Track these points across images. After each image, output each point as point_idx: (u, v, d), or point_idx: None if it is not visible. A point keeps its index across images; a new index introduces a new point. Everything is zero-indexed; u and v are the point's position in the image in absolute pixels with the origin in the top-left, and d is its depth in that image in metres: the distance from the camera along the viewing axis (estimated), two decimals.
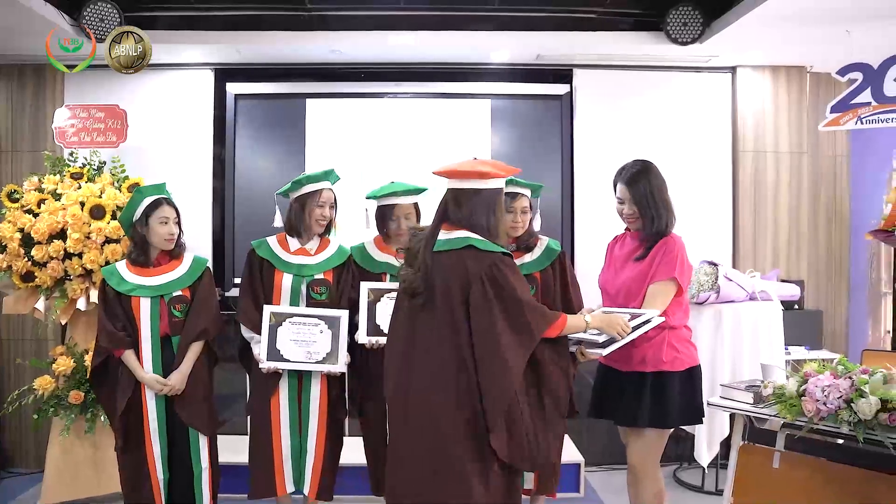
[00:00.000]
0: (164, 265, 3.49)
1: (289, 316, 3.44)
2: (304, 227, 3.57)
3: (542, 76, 5.37)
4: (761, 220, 5.32)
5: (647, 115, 5.29)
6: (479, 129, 5.33)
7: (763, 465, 3.16)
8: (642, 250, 3.13)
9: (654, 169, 3.17)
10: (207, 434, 3.47)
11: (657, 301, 3.03)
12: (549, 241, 3.67)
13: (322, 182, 3.56)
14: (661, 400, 3.06)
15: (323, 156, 5.14)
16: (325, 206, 3.56)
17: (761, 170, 5.32)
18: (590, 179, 5.19)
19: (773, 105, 5.33)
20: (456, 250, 2.60)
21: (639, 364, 3.09)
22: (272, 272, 3.53)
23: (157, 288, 3.43)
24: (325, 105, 5.32)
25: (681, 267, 3.06)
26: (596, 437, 4.93)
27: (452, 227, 2.66)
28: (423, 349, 2.61)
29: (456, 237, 2.62)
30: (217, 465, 3.54)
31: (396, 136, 5.26)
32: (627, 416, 3.15)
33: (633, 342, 2.91)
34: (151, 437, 3.40)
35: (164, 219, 3.43)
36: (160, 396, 3.40)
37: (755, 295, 4.55)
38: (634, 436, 3.17)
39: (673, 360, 3.08)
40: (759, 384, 3.21)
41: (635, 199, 3.12)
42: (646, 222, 3.12)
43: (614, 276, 3.25)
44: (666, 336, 3.08)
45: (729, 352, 4.44)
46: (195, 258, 3.57)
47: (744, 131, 5.31)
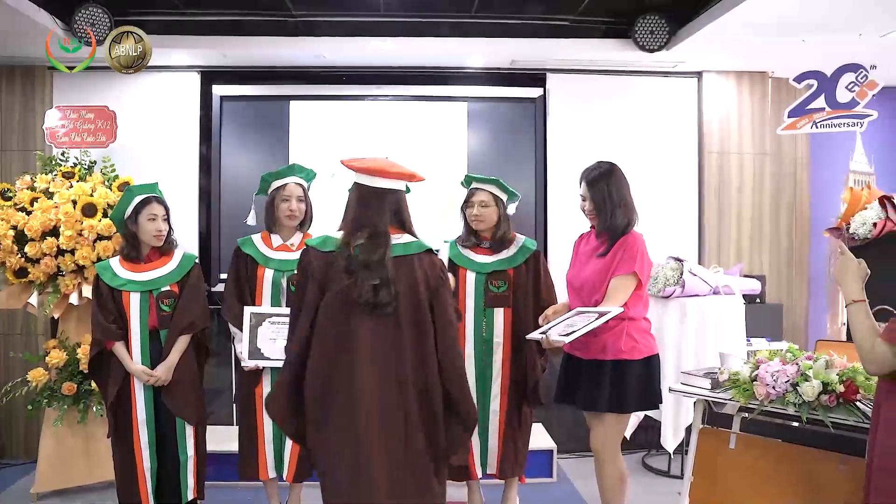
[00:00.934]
0: (155, 261, 3.58)
1: (268, 316, 3.56)
2: (274, 221, 3.70)
3: (516, 80, 5.49)
4: (725, 219, 5.48)
5: (617, 117, 5.42)
6: (455, 131, 5.45)
7: (721, 446, 3.32)
8: (605, 247, 3.29)
9: (616, 171, 3.33)
10: (193, 423, 3.56)
11: (618, 294, 3.20)
12: (525, 240, 3.82)
13: (286, 177, 3.69)
14: (619, 386, 3.22)
15: (306, 156, 5.17)
16: (290, 199, 3.66)
17: (726, 170, 5.48)
18: (562, 179, 5.29)
19: (738, 108, 5.49)
20: (415, 255, 2.60)
21: (599, 352, 3.25)
22: (255, 268, 3.66)
23: (147, 283, 3.52)
24: (308, 107, 5.41)
25: (640, 262, 3.22)
26: (568, 424, 5.03)
27: (397, 230, 2.64)
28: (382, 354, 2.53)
29: (410, 241, 2.62)
30: (204, 453, 3.64)
31: (377, 137, 5.35)
32: (588, 401, 3.31)
33: (594, 331, 3.09)
34: (139, 426, 3.50)
35: (152, 216, 3.52)
36: (148, 387, 3.50)
37: (718, 289, 4.68)
38: (596, 421, 3.35)
39: (632, 349, 3.24)
40: (716, 371, 3.39)
41: (593, 197, 3.30)
42: (602, 219, 3.29)
43: (579, 270, 3.41)
44: (625, 326, 3.23)
45: (693, 343, 4.56)
46: (185, 254, 3.66)
47: (709, 133, 5.47)
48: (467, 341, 3.73)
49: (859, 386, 2.86)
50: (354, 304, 2.51)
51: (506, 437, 3.77)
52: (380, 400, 2.51)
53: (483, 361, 3.75)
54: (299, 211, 3.70)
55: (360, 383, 2.50)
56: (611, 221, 3.28)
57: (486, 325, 3.69)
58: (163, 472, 3.56)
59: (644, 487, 4.59)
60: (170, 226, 3.61)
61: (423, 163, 5.20)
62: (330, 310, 2.54)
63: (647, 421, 4.75)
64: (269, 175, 3.74)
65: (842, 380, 2.89)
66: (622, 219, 3.27)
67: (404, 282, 2.55)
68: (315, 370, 2.54)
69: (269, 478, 3.69)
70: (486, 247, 3.81)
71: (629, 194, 3.34)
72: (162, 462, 3.55)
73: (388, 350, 2.54)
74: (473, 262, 3.79)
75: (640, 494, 4.35)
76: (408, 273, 2.56)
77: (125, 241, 3.60)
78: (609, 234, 3.29)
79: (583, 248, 3.48)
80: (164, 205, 3.59)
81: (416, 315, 2.56)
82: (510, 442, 3.78)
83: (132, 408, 3.50)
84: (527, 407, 3.83)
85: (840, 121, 4.36)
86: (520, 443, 3.83)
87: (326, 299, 2.54)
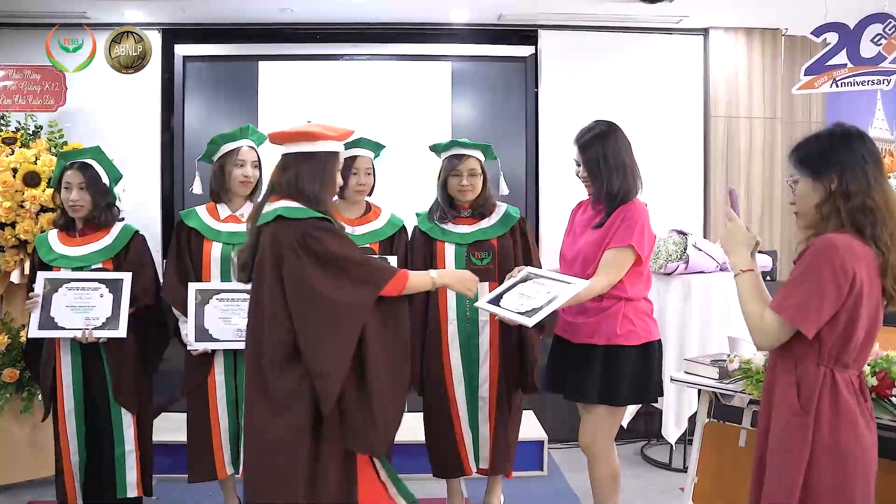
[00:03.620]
0: (90, 235, 3.32)
1: (216, 292, 3.27)
2: (224, 190, 3.39)
3: (505, 37, 5.22)
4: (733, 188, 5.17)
5: (615, 78, 5.16)
6: (439, 93, 5.19)
7: (729, 443, 3.03)
8: (601, 217, 2.99)
9: (613, 132, 3.00)
10: (134, 412, 3.29)
11: (610, 269, 2.89)
12: (507, 208, 3.49)
13: (240, 140, 3.38)
14: (611, 375, 2.94)
15: (277, 120, 4.94)
16: (244, 164, 3.36)
17: (734, 136, 5.23)
18: (555, 145, 5.02)
19: (747, 69, 5.22)
20: (270, 223, 2.48)
21: (589, 336, 2.96)
22: (201, 242, 3.35)
23: (77, 259, 3.28)
24: (278, 67, 5.15)
25: (640, 235, 2.90)
26: (560, 411, 4.69)
27: (277, 197, 2.52)
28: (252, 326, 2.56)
29: (269, 210, 2.50)
30: (149, 446, 3.39)
31: (353, 99, 5.10)
32: (576, 390, 3.03)
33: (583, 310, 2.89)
34: (66, 414, 3.24)
35: (66, 184, 3.25)
36: (77, 373, 3.24)
37: (725, 266, 4.39)
38: (585, 412, 3.06)
39: (627, 333, 2.93)
40: (724, 358, 3.05)
41: (587, 162, 2.99)
42: (597, 186, 2.99)
43: (573, 241, 3.11)
44: (622, 308, 2.93)
45: (697, 325, 4.32)
46: (124, 227, 3.38)
47: (716, 96, 5.21)
48: (450, 321, 3.40)
49: (895, 379, 2.49)
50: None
51: (497, 427, 3.46)
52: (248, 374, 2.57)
53: (468, 343, 3.41)
54: (253, 177, 3.40)
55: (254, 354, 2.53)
56: (607, 188, 2.94)
57: (470, 302, 3.32)
58: (94, 466, 3.29)
59: (643, 481, 4.32)
60: (93, 195, 3.27)
61: (404, 128, 5.01)
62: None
63: (646, 407, 4.47)
64: (219, 137, 3.40)
65: (874, 371, 2.52)
66: (620, 185, 2.94)
67: (262, 252, 2.51)
68: None
69: (227, 474, 3.37)
70: (466, 215, 3.44)
71: (630, 158, 3.00)
72: (93, 455, 3.29)
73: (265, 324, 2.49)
74: (452, 233, 3.43)
75: (638, 489, 4.13)
76: (263, 244, 2.51)
77: (60, 212, 3.37)
78: (606, 202, 2.97)
79: (579, 217, 3.18)
80: (87, 172, 3.26)
81: (267, 287, 2.47)
82: (501, 433, 3.46)
83: (58, 395, 3.25)
84: (518, 393, 3.50)
85: (863, 78, 4.03)
86: (511, 434, 3.51)
87: None
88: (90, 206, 3.27)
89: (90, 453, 3.29)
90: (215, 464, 3.33)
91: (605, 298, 2.91)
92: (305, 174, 2.51)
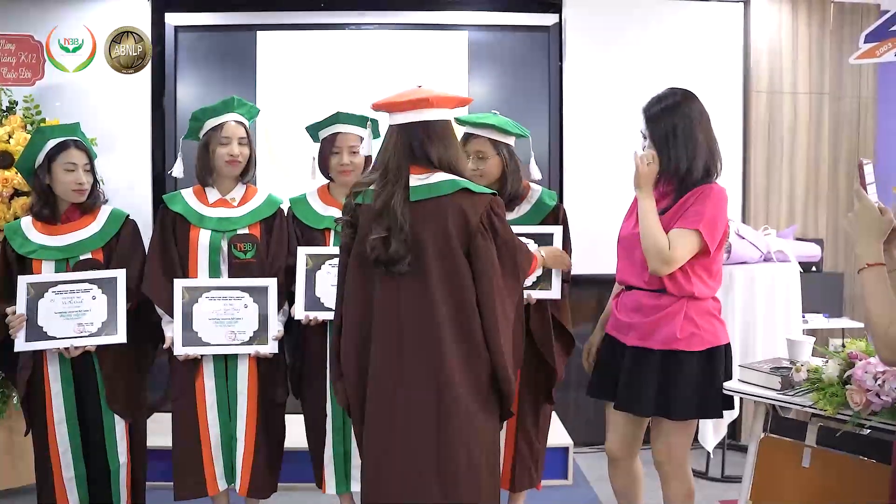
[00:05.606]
0: (75, 221, 3.02)
1: (205, 290, 2.95)
2: (209, 171, 3.06)
3: (526, 5, 4.84)
4: (775, 171, 4.85)
5: (647, 50, 4.76)
6: (454, 66, 4.81)
7: (789, 462, 2.67)
8: (668, 200, 2.69)
9: (689, 102, 2.68)
10: (128, 420, 3.01)
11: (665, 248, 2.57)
12: (542, 192, 3.11)
13: (224, 115, 3.06)
14: (668, 384, 2.63)
15: (276, 96, 4.63)
16: (230, 142, 3.02)
17: (776, 113, 4.83)
18: (581, 123, 4.67)
19: (791, 40, 4.82)
20: (446, 196, 2.21)
21: (643, 338, 2.66)
22: (187, 229, 3.02)
23: (63, 249, 2.98)
24: (278, 38, 4.76)
25: (711, 221, 2.57)
26: (586, 413, 4.50)
27: (424, 169, 2.26)
28: (413, 321, 2.21)
29: (440, 181, 2.24)
30: (143, 453, 3.12)
31: (360, 73, 4.72)
32: (627, 399, 2.72)
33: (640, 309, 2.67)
34: (56, 426, 2.95)
35: (70, 165, 2.95)
36: (67, 378, 2.94)
37: (770, 255, 4.11)
38: (656, 424, 2.76)
39: (689, 337, 2.60)
40: (787, 365, 2.66)
41: (654, 136, 2.67)
42: (663, 164, 2.65)
43: (634, 225, 2.75)
44: (684, 307, 2.62)
45: (739, 320, 4.00)
46: (113, 212, 3.08)
47: (757, 69, 4.81)
48: None
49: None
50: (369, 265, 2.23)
51: (518, 439, 3.11)
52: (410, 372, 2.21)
53: None
54: (242, 156, 3.05)
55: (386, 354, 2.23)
56: (675, 166, 2.64)
57: None
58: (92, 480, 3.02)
59: None
60: (95, 177, 3.03)
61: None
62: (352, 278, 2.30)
63: None
64: (202, 112, 3.08)
65: None
66: (690, 164, 2.63)
67: (429, 229, 2.20)
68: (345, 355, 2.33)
69: (219, 490, 3.03)
70: None
71: (707, 133, 2.68)
72: (90, 469, 3.01)
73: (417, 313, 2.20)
74: None
75: None
76: (434, 218, 2.21)
77: (36, 197, 3.04)
78: (675, 183, 2.67)
79: None
80: (87, 151, 3.01)
81: (449, 272, 2.20)
82: (524, 445, 3.12)
83: (46, 403, 2.94)
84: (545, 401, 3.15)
85: None
86: (538, 446, 3.17)
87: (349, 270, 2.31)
88: (90, 190, 3.02)
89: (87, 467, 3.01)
90: (205, 478, 3.00)
91: (664, 296, 2.63)
92: (450, 144, 2.31)
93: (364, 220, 2.25)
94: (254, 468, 3.00)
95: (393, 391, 2.21)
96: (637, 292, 2.69)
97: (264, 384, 3.01)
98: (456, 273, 2.20)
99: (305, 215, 3.12)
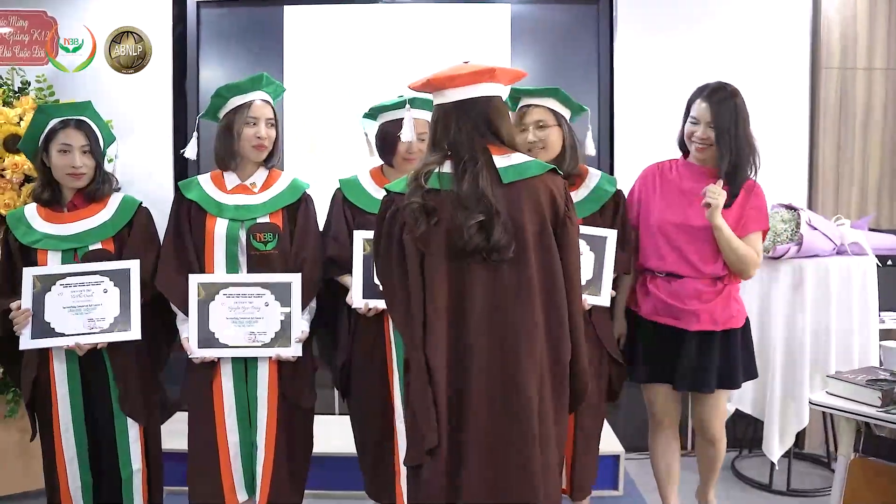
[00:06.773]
0: (82, 209, 2.85)
1: (223, 286, 2.75)
2: (232, 154, 2.84)
3: None
4: (846, 155, 4.53)
5: (704, 24, 4.49)
6: (496, 42, 4.57)
7: (886, 488, 2.41)
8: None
9: (740, 95, 2.89)
10: (142, 423, 2.83)
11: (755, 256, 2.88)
12: (601, 177, 2.96)
13: (251, 92, 2.85)
14: (727, 359, 2.93)
15: (305, 75, 4.44)
16: (258, 122, 2.81)
17: (849, 91, 4.50)
18: (634, 104, 4.42)
19: (868, 9, 4.48)
20: (536, 177, 2.13)
21: (711, 322, 2.88)
22: (203, 218, 2.81)
23: (69, 239, 2.80)
24: (307, 13, 4.56)
25: (767, 217, 2.95)
26: (635, 417, 4.12)
27: (501, 149, 2.17)
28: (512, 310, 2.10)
29: (525, 161, 2.16)
30: (159, 459, 2.96)
31: (394, 50, 4.51)
32: (693, 380, 2.94)
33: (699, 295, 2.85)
34: (62, 431, 2.78)
35: (64, 146, 2.76)
36: (74, 381, 2.77)
37: (844, 248, 3.81)
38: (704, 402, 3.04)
39: (738, 314, 2.94)
40: (884, 377, 2.32)
41: (716, 121, 2.81)
42: (720, 153, 2.82)
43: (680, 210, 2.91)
44: (731, 289, 2.93)
45: (809, 319, 3.70)
46: (124, 199, 2.90)
47: (828, 43, 4.47)
48: None
49: None
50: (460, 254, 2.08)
51: (577, 442, 2.97)
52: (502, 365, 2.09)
53: None
54: (269, 139, 2.84)
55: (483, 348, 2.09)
56: (731, 160, 2.81)
57: None
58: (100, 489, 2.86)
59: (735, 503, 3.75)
60: (98, 161, 2.83)
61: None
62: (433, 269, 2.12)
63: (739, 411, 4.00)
64: (226, 89, 2.86)
65: None
66: (748, 160, 2.85)
67: (525, 214, 2.10)
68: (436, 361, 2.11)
69: (239, 502, 2.81)
70: None
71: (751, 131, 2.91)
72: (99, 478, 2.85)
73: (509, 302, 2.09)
74: None
75: None
76: (529, 203, 2.11)
77: (39, 181, 2.87)
78: (729, 178, 2.83)
79: (675, 181, 2.98)
80: (88, 132, 2.82)
81: (546, 257, 2.12)
82: (582, 449, 2.98)
83: (52, 407, 2.77)
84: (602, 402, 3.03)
85: None
86: (593, 450, 3.05)
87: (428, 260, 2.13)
88: (92, 174, 2.83)
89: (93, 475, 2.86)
90: (223, 489, 2.79)
91: (718, 281, 2.87)
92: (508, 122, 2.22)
93: (447, 206, 2.09)
94: (274, 479, 2.79)
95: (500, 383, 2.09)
96: (690, 280, 2.86)
97: (287, 388, 2.81)
98: (551, 260, 2.13)
99: (358, 198, 2.92)
